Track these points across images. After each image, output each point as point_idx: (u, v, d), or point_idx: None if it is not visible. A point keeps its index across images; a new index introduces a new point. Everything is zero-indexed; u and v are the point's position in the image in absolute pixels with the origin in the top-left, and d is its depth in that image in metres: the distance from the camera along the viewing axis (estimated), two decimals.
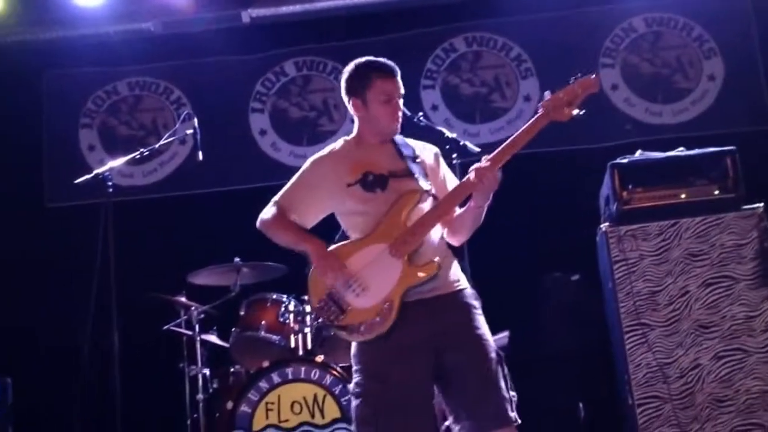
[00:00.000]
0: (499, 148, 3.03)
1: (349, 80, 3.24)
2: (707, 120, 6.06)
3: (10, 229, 6.11)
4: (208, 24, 6.33)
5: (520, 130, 3.03)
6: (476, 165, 3.03)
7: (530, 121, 3.03)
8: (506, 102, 6.26)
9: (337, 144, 3.30)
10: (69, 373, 5.16)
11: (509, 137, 3.03)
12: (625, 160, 4.52)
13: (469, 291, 3.17)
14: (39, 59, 6.39)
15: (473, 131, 6.16)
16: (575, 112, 3.00)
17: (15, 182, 6.26)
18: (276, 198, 3.29)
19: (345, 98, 3.27)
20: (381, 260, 3.04)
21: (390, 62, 3.21)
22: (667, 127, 6.09)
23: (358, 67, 3.23)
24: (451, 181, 3.29)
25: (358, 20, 6.33)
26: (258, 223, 3.28)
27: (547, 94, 3.03)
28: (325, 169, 3.22)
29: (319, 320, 3.21)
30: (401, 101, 3.22)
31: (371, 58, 3.24)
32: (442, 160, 3.35)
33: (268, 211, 3.27)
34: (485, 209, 3.13)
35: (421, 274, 3.02)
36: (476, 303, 3.15)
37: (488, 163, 3.01)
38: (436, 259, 3.06)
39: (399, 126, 3.23)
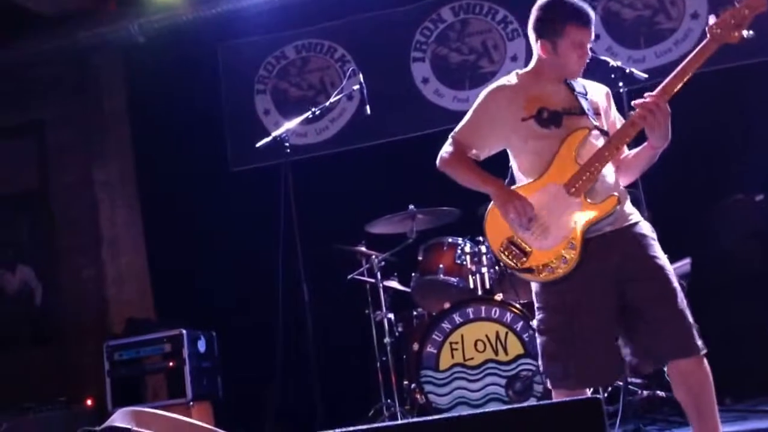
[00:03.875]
0: (666, 80, 2.94)
1: (541, 22, 3.15)
2: None
3: (203, 194, 6.55)
4: None
5: (687, 59, 2.92)
6: (641, 100, 2.96)
7: (698, 48, 2.92)
8: (672, 22, 5.99)
9: (511, 77, 3.25)
10: (265, 324, 5.48)
11: (677, 61, 2.94)
12: None
13: (643, 223, 3.12)
14: (213, 34, 6.69)
15: (638, 57, 5.94)
16: (745, 33, 2.88)
17: (202, 152, 6.66)
18: (453, 134, 3.27)
19: (532, 35, 3.19)
20: (558, 200, 3.04)
21: (586, 9, 3.10)
22: None
23: (554, 9, 3.12)
24: (621, 123, 3.21)
25: None
26: (438, 162, 3.27)
27: (712, 18, 2.91)
28: (500, 101, 3.18)
29: (502, 264, 3.21)
30: (590, 46, 3.15)
31: (567, 0, 3.10)
32: (612, 101, 3.29)
33: (447, 149, 3.26)
34: (659, 152, 3.07)
35: (601, 211, 3.00)
36: (652, 234, 3.10)
37: (654, 97, 2.93)
38: (615, 194, 3.04)
39: (582, 70, 3.17)
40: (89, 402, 5.96)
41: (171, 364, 5.64)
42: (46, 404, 5.78)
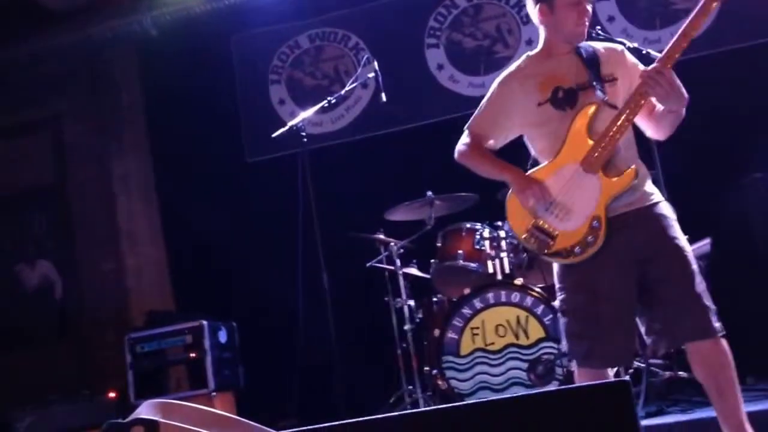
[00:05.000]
0: (669, 45, 2.91)
1: None
2: None
3: (220, 185, 6.57)
4: None
5: (687, 20, 2.89)
6: (644, 69, 2.95)
7: (697, 8, 2.88)
8: (687, 2, 5.92)
9: (521, 61, 3.24)
10: (286, 313, 5.50)
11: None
12: None
13: (664, 203, 3.11)
14: (225, 25, 6.70)
15: (653, 38, 5.88)
16: None
17: (218, 143, 6.67)
18: (468, 125, 3.29)
19: (533, 8, 3.17)
20: (577, 179, 3.03)
21: None
22: None
23: None
24: None
25: None
26: (456, 156, 3.29)
27: None
28: (513, 89, 3.18)
29: (528, 251, 3.19)
30: (590, 6, 3.13)
31: None
32: (629, 56, 3.22)
33: (464, 141, 3.28)
34: (683, 111, 3.02)
35: (621, 184, 2.99)
36: (672, 215, 3.09)
37: (657, 65, 2.91)
38: (633, 165, 3.03)
39: (585, 30, 3.14)
40: (112, 394, 6.00)
41: (192, 355, 5.67)
42: (69, 397, 5.83)
